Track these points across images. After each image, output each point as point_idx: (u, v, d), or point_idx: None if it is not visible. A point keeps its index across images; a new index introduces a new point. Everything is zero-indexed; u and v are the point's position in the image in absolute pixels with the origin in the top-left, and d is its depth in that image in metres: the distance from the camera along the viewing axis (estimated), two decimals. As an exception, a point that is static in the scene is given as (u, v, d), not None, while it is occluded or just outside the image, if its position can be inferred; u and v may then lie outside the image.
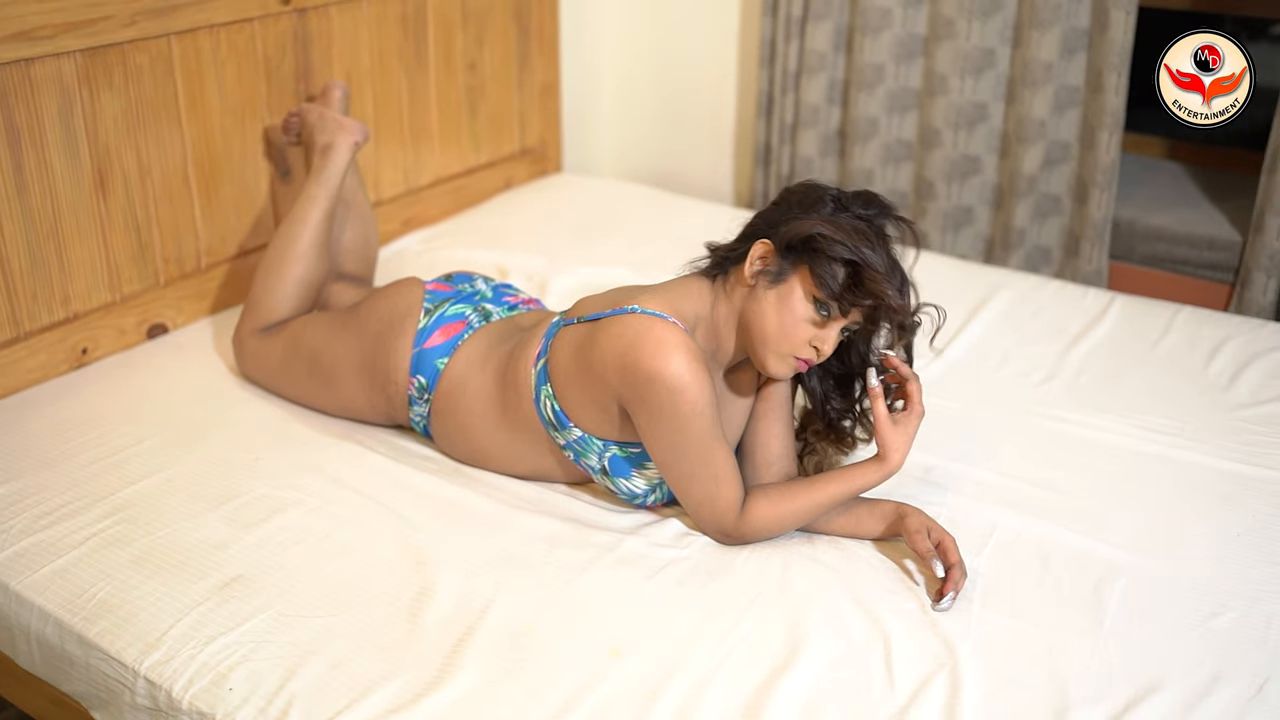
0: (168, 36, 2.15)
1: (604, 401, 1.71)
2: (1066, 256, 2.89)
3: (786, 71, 3.03)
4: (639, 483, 1.77)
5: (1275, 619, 1.59)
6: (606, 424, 1.73)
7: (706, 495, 1.68)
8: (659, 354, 1.61)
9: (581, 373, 1.71)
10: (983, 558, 1.71)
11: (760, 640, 1.54)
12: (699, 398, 1.62)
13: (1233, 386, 2.17)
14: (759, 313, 1.66)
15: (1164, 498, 1.86)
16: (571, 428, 1.75)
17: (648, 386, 1.63)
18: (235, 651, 1.52)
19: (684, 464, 1.67)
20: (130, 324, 2.23)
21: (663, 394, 1.62)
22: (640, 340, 1.63)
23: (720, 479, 1.67)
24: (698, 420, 1.63)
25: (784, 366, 1.68)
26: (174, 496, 1.82)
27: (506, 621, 1.57)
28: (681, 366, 1.61)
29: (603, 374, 1.68)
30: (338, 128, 2.22)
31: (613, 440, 1.75)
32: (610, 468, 1.77)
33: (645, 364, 1.62)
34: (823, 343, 1.65)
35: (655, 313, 1.66)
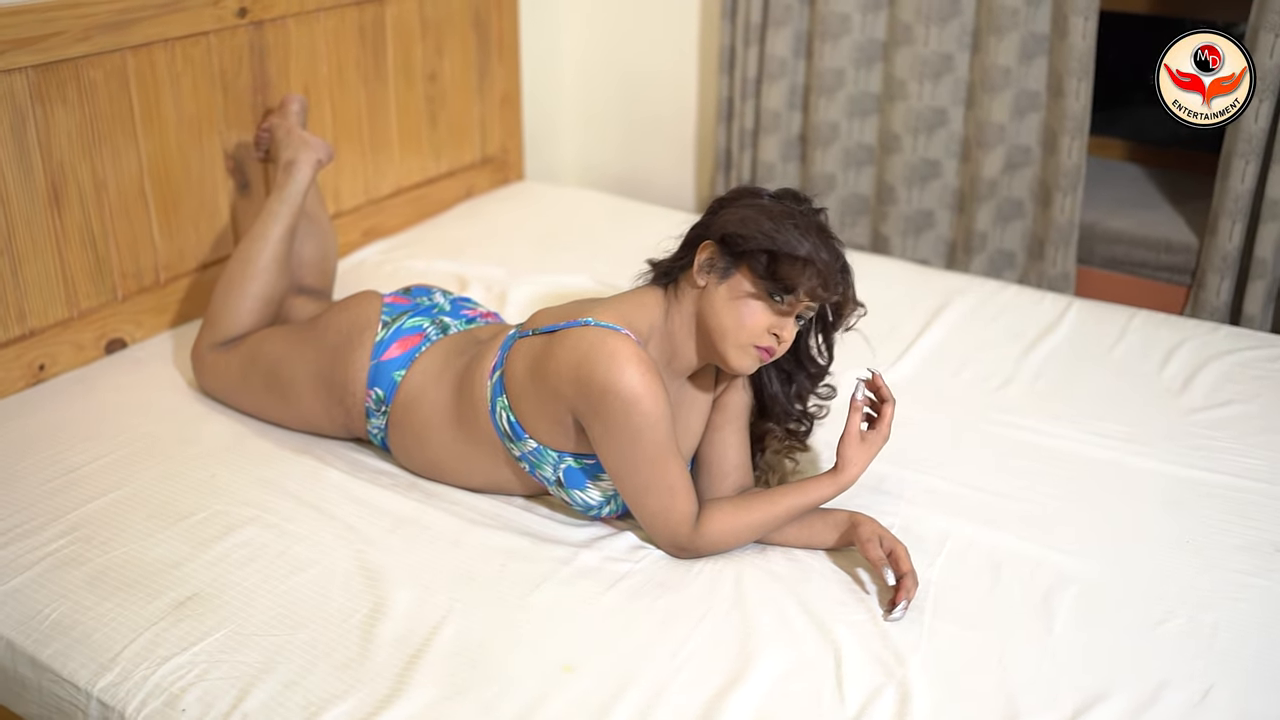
0: (122, 51, 2.15)
1: (559, 413, 1.71)
2: (1031, 260, 2.91)
3: (746, 78, 3.04)
4: (594, 494, 1.78)
5: (1222, 625, 1.61)
6: (561, 435, 1.74)
7: (661, 507, 1.69)
8: (613, 366, 1.62)
9: (536, 385, 1.72)
10: (935, 567, 1.72)
11: (712, 654, 1.55)
12: (653, 409, 1.63)
13: (1186, 391, 2.19)
14: (713, 309, 1.68)
15: (1115, 504, 1.88)
16: (527, 439, 1.76)
17: (602, 398, 1.64)
18: (189, 672, 1.52)
19: (638, 476, 1.68)
20: (88, 339, 2.23)
21: (616, 406, 1.63)
22: (594, 352, 1.64)
23: (675, 491, 1.68)
24: (651, 432, 1.64)
25: (746, 358, 1.68)
26: (130, 514, 1.82)
27: (460, 638, 1.57)
28: (635, 378, 1.62)
29: (557, 386, 1.68)
30: (302, 144, 2.23)
31: (568, 452, 1.75)
32: (565, 479, 1.78)
33: (599, 376, 1.63)
34: (781, 329, 1.66)
35: (609, 325, 1.68)
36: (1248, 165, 2.56)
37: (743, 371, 1.71)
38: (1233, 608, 1.65)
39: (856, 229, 3.10)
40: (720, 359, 1.71)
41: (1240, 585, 1.69)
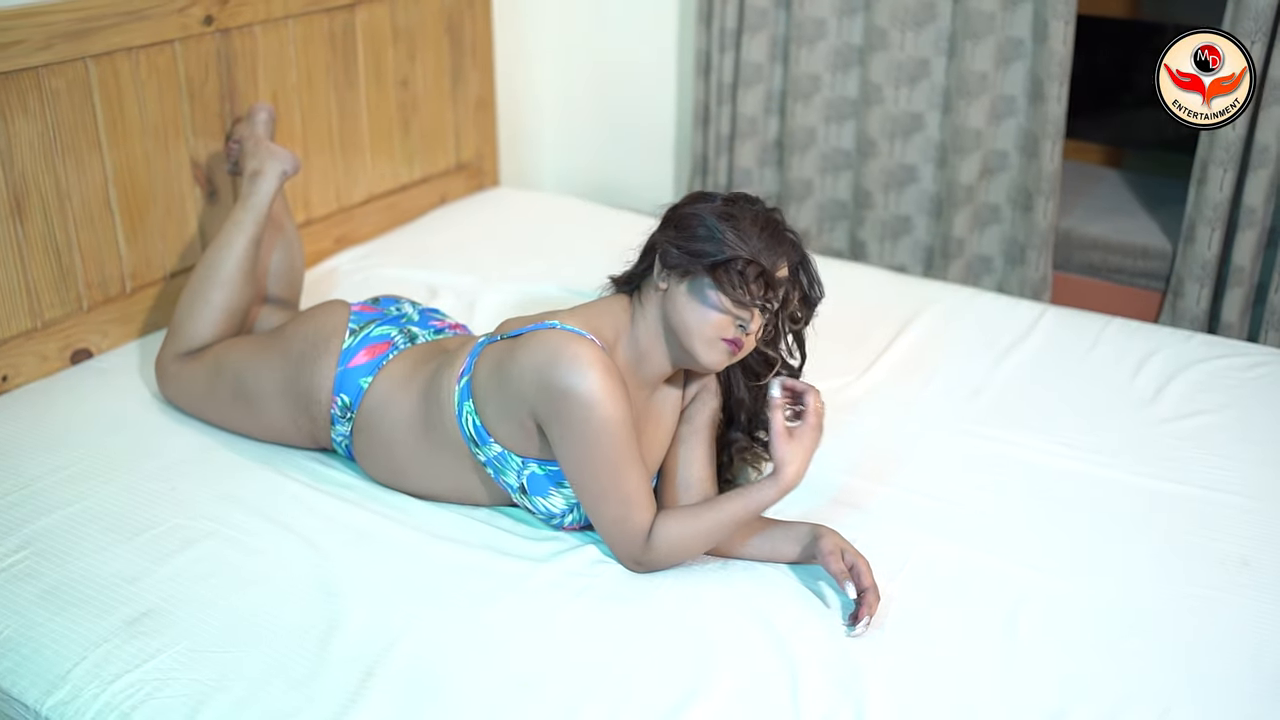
0: (84, 60, 2.13)
1: (521, 416, 1.70)
2: (1010, 265, 2.90)
3: (723, 83, 3.02)
4: (557, 501, 1.77)
5: (1186, 641, 1.60)
6: (524, 439, 1.73)
7: (617, 517, 1.67)
8: (573, 369, 1.62)
9: (500, 388, 1.71)
10: (897, 581, 1.70)
11: (668, 670, 1.53)
12: (612, 414, 1.62)
13: (1157, 400, 2.17)
14: (676, 308, 1.69)
15: (1083, 517, 1.86)
16: (492, 444, 1.75)
17: (561, 401, 1.63)
18: (140, 689, 1.50)
19: (595, 483, 1.66)
20: (52, 350, 2.21)
21: (575, 409, 1.62)
22: (556, 355, 1.64)
23: (631, 502, 1.66)
24: (610, 438, 1.63)
25: (714, 352, 1.68)
26: (87, 528, 1.80)
27: (415, 653, 1.56)
28: (595, 382, 1.61)
29: (520, 388, 1.68)
30: (268, 155, 2.22)
31: (531, 457, 1.74)
32: (529, 485, 1.76)
33: (559, 379, 1.62)
34: (747, 321, 1.66)
35: (574, 329, 1.67)
36: (1225, 173, 2.55)
37: (713, 367, 1.71)
38: (1199, 624, 1.64)
39: (834, 234, 3.08)
40: (690, 357, 1.70)
41: (1208, 600, 1.68)
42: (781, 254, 1.69)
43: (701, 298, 1.66)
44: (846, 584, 1.62)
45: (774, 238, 1.68)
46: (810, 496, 1.89)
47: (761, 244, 1.66)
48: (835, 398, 2.19)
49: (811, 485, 1.92)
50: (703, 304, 1.66)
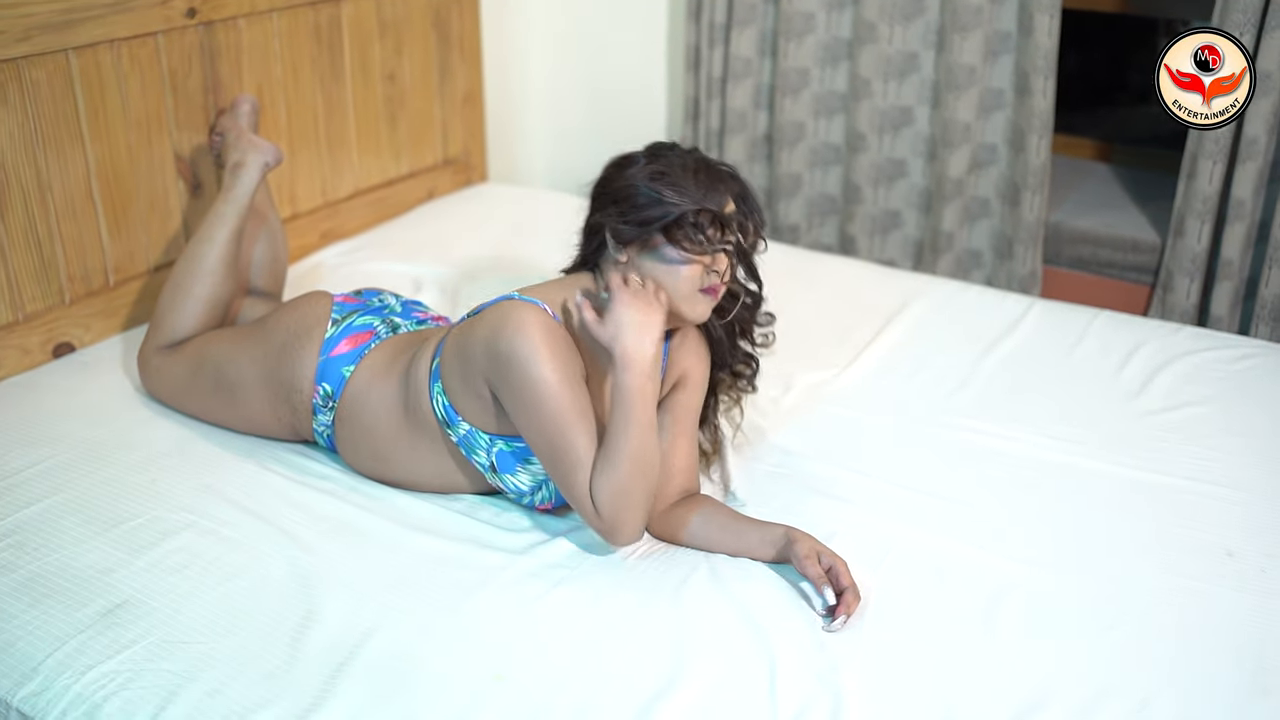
0: (66, 52, 2.12)
1: (478, 386, 1.72)
2: (999, 259, 2.89)
3: (712, 77, 3.01)
4: (524, 479, 1.76)
5: (1166, 633, 1.59)
6: (485, 413, 1.73)
7: (572, 482, 1.65)
8: (517, 333, 1.64)
9: (462, 363, 1.72)
10: (877, 573, 1.69)
11: (644, 662, 1.52)
12: (551, 375, 1.63)
13: (1144, 393, 2.16)
14: (647, 273, 1.71)
15: (1066, 509, 1.85)
16: (460, 423, 1.75)
17: (505, 365, 1.65)
18: (112, 680, 1.50)
19: (547, 445, 1.66)
20: (35, 343, 2.20)
21: (515, 370, 1.64)
22: (503, 322, 1.66)
23: (579, 464, 1.64)
24: (554, 400, 1.63)
25: (699, 305, 1.72)
26: (66, 520, 1.79)
27: (389, 645, 1.55)
28: (533, 344, 1.63)
29: (474, 357, 1.70)
30: (250, 146, 2.21)
31: (498, 434, 1.74)
32: (498, 463, 1.76)
33: (503, 343, 1.65)
34: (716, 264, 1.70)
35: (528, 299, 1.70)
36: (1214, 166, 2.54)
37: (700, 318, 1.74)
38: (1181, 615, 1.62)
39: (824, 229, 3.07)
40: (676, 316, 1.73)
41: (1190, 592, 1.67)
42: (723, 191, 1.71)
43: (666, 260, 1.69)
44: (825, 589, 1.60)
45: (710, 178, 1.72)
46: (789, 487, 1.88)
47: (701, 190, 1.69)
48: (819, 391, 2.18)
49: (790, 475, 1.91)
50: (669, 264, 1.69)
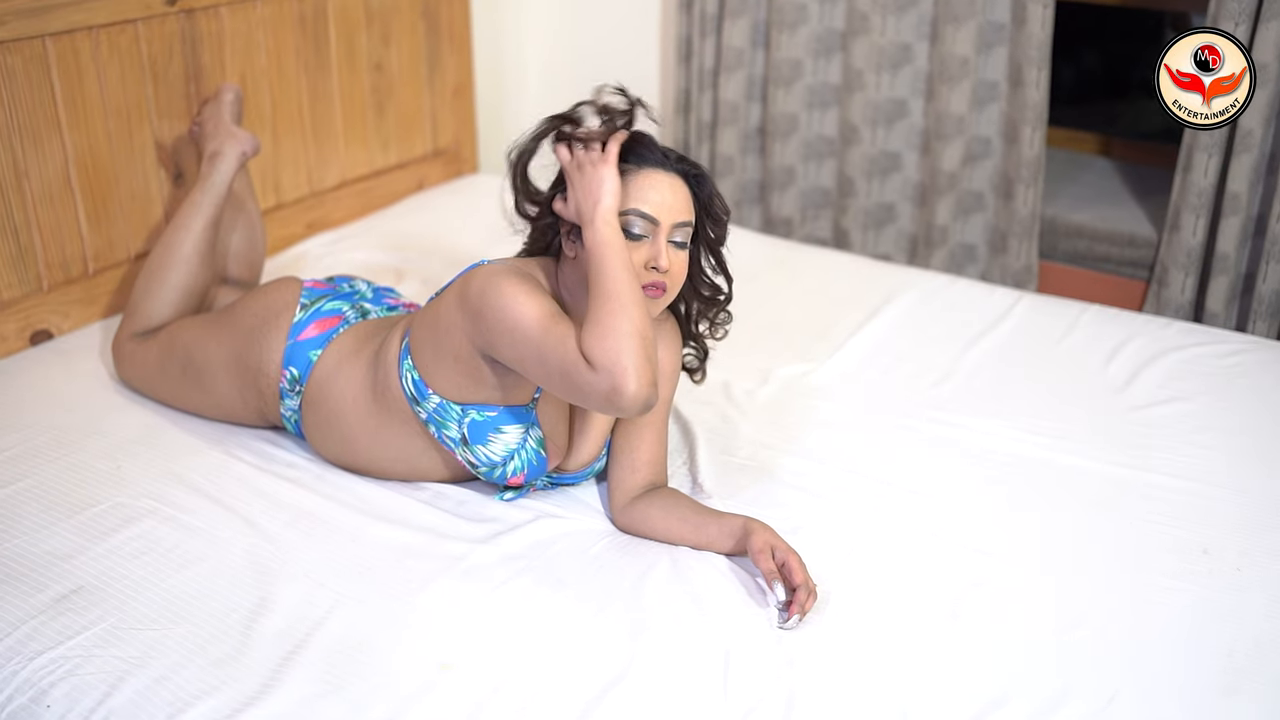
0: (42, 38, 2.12)
1: (456, 349, 1.67)
2: (993, 254, 2.85)
3: (704, 69, 2.99)
4: (496, 448, 1.72)
5: (1135, 630, 1.55)
6: (460, 380, 1.69)
7: (565, 366, 1.53)
8: (489, 282, 1.61)
9: (435, 333, 1.70)
10: (842, 568, 1.66)
11: (597, 653, 1.50)
12: (527, 299, 1.57)
13: (1129, 387, 2.12)
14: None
15: (1040, 504, 1.82)
16: (431, 396, 1.72)
17: (483, 309, 1.61)
18: (60, 666, 1.48)
19: (538, 355, 1.56)
20: (11, 330, 2.20)
21: (493, 305, 1.59)
22: (476, 279, 1.64)
23: (574, 349, 1.54)
24: (533, 314, 1.57)
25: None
26: (29, 506, 1.78)
27: (341, 634, 1.53)
28: (512, 284, 1.59)
29: (450, 320, 1.67)
30: (227, 136, 2.21)
31: (469, 404, 1.71)
32: (469, 434, 1.72)
33: (478, 292, 1.62)
34: (657, 258, 1.62)
35: (499, 263, 1.68)
36: (1210, 159, 2.49)
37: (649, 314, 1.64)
38: (1151, 612, 1.59)
39: (818, 223, 3.04)
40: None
41: (1162, 589, 1.63)
42: (646, 157, 1.66)
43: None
44: (775, 584, 1.56)
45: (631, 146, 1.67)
46: (759, 479, 1.86)
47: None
48: (797, 384, 2.15)
49: (761, 468, 1.89)
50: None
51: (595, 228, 1.58)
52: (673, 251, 1.64)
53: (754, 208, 3.11)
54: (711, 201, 1.72)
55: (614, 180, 1.60)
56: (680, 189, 1.66)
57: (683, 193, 1.66)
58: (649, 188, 1.63)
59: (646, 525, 1.73)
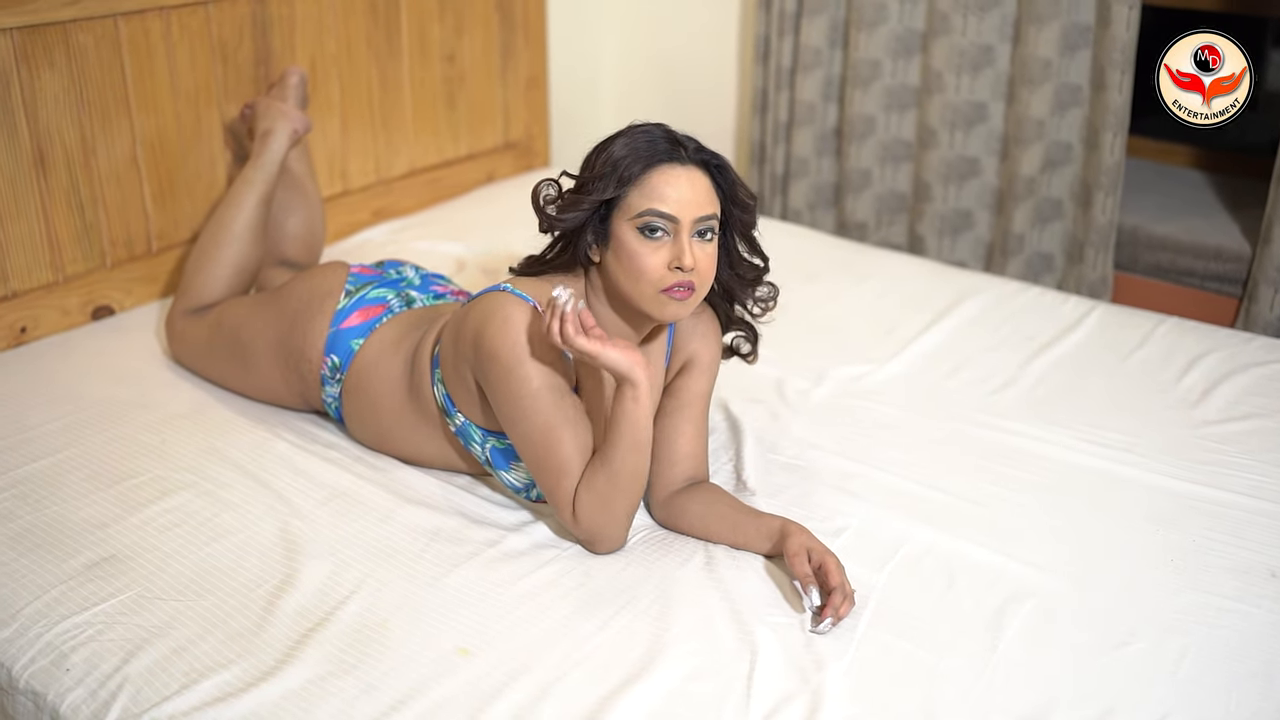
0: (114, 17, 2.15)
1: (467, 379, 1.66)
2: (1069, 263, 2.75)
3: (781, 68, 2.93)
4: (519, 475, 1.71)
5: (1190, 651, 1.46)
6: (474, 407, 1.68)
7: (550, 487, 1.60)
8: (501, 329, 1.57)
9: (454, 353, 1.67)
10: (884, 572, 1.60)
11: (619, 647, 1.46)
12: (533, 377, 1.56)
13: (1203, 402, 2.02)
14: (613, 274, 1.61)
15: (1098, 516, 1.73)
16: (457, 414, 1.71)
17: (488, 362, 1.58)
18: (83, 632, 1.49)
19: (528, 449, 1.60)
20: (74, 304, 2.23)
21: (500, 370, 1.57)
22: (489, 316, 1.59)
23: (564, 471, 1.58)
24: (533, 401, 1.56)
25: (667, 306, 1.57)
26: (70, 475, 1.80)
27: (363, 614, 1.51)
28: (517, 344, 1.56)
29: (462, 349, 1.64)
30: (279, 115, 2.23)
31: (489, 430, 1.69)
32: (491, 459, 1.71)
33: (487, 340, 1.58)
34: (680, 258, 1.55)
35: (518, 293, 1.62)
36: (1307, 168, 2.37)
37: (675, 318, 1.60)
38: (1207, 634, 1.50)
39: (894, 228, 2.96)
40: (648, 315, 1.62)
41: (1220, 610, 1.54)
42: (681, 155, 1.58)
43: (627, 255, 1.57)
44: (810, 589, 1.50)
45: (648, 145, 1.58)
46: (804, 480, 1.80)
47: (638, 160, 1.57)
48: (853, 385, 2.09)
49: (808, 469, 1.83)
50: (630, 261, 1.57)
51: (622, 394, 1.53)
52: (698, 247, 1.57)
53: (828, 211, 3.04)
54: (735, 189, 1.65)
55: (625, 356, 1.51)
56: (700, 181, 1.59)
57: (703, 184, 1.59)
58: (665, 184, 1.56)
59: (684, 520, 1.68)
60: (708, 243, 1.59)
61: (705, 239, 1.59)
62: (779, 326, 2.04)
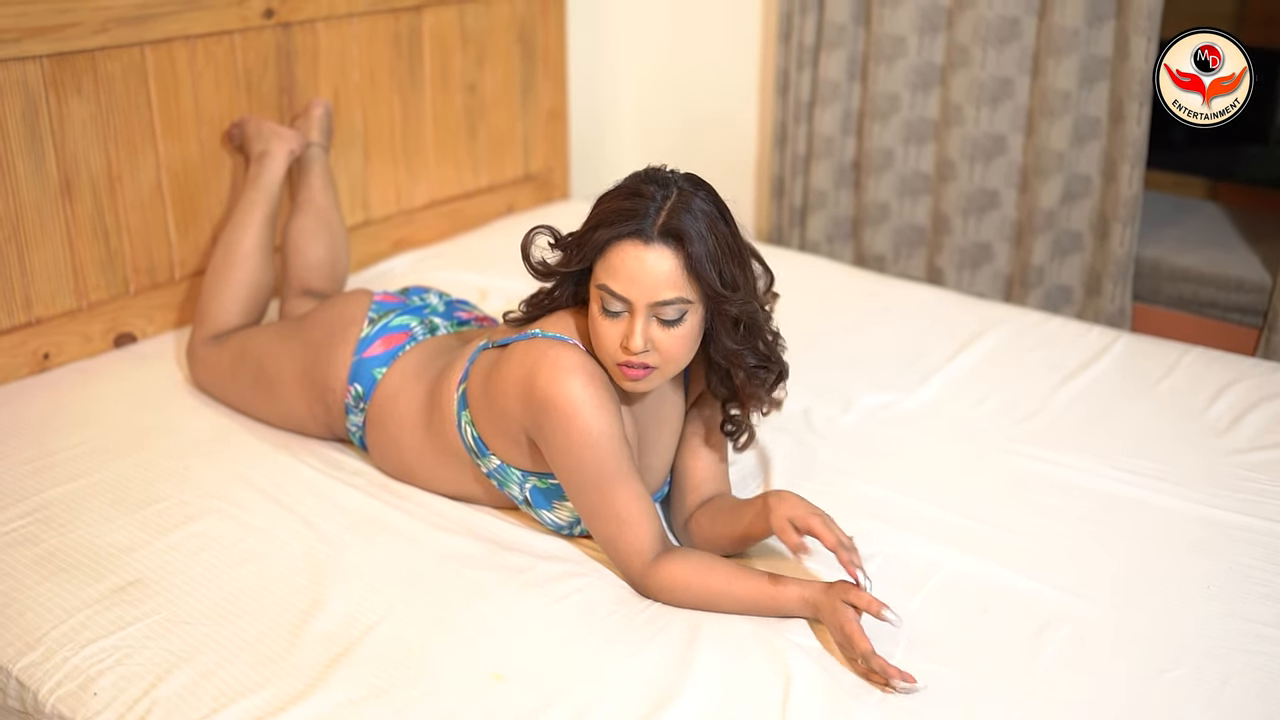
0: (141, 45, 2.15)
1: (512, 432, 1.63)
2: (1088, 296, 2.74)
3: (800, 101, 2.94)
4: (562, 514, 1.69)
5: (1232, 679, 1.44)
6: (518, 454, 1.66)
7: (610, 535, 1.57)
8: (554, 378, 1.53)
9: (489, 402, 1.64)
10: (917, 599, 1.58)
11: (653, 674, 1.44)
12: (593, 425, 1.52)
13: (1232, 430, 2.01)
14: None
15: (1132, 543, 1.72)
16: (490, 456, 1.68)
17: (543, 414, 1.54)
18: (110, 656, 1.47)
19: (586, 498, 1.57)
20: (96, 331, 2.22)
21: (556, 421, 1.53)
22: (536, 365, 1.55)
23: (625, 520, 1.55)
24: (594, 451, 1.53)
25: (624, 380, 1.54)
26: (96, 499, 1.79)
27: (393, 639, 1.50)
28: (575, 390, 1.52)
29: (505, 404, 1.60)
30: (273, 135, 2.26)
31: (530, 471, 1.67)
32: (531, 499, 1.69)
33: (540, 389, 1.54)
34: (627, 339, 1.49)
35: (555, 335, 1.59)
36: (1327, 200, 2.37)
37: (634, 392, 1.57)
38: (1248, 661, 1.48)
39: (912, 261, 2.96)
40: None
41: (1260, 637, 1.52)
42: (627, 228, 1.48)
43: (593, 321, 1.54)
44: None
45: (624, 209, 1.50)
46: (837, 506, 1.77)
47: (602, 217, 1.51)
48: (881, 413, 2.08)
49: (839, 495, 1.81)
50: (594, 328, 1.54)
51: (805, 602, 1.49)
52: (658, 330, 1.50)
53: (846, 243, 3.04)
54: (709, 275, 1.48)
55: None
56: (665, 261, 1.47)
57: (667, 265, 1.47)
58: (622, 262, 1.48)
59: (699, 535, 1.67)
60: (673, 325, 1.50)
61: (671, 323, 1.50)
62: (805, 355, 2.03)
